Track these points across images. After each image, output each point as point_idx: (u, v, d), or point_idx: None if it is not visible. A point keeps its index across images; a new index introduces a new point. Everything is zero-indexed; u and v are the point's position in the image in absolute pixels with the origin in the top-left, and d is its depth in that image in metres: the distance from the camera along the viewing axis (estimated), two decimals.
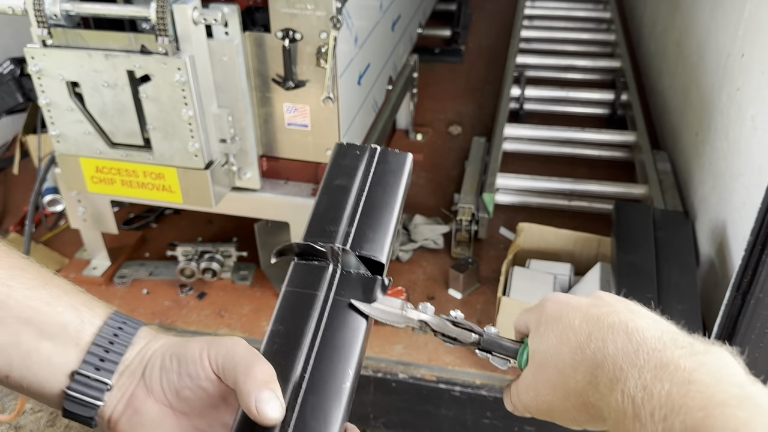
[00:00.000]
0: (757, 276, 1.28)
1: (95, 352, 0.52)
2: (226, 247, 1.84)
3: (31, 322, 0.51)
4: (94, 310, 0.54)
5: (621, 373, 0.47)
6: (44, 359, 0.52)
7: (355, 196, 0.65)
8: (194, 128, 1.43)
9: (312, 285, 0.59)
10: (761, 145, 1.46)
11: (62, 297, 0.53)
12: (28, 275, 0.53)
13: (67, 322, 0.52)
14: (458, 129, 2.66)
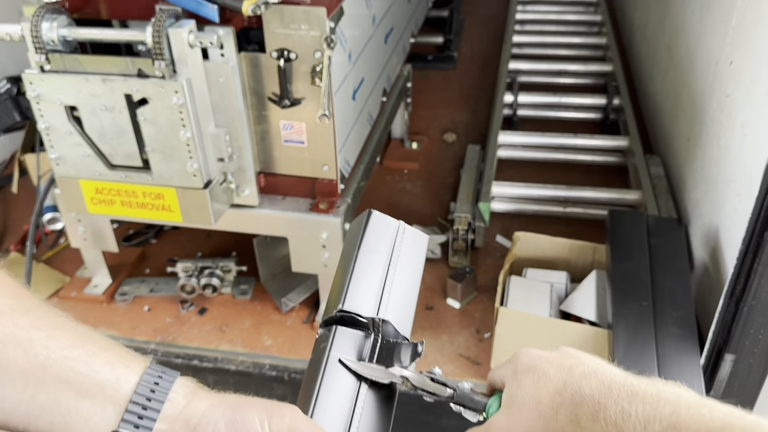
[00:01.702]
0: (749, 284, 1.30)
1: (133, 411, 0.53)
2: (226, 262, 1.86)
3: (71, 383, 0.53)
4: (130, 366, 0.55)
5: (600, 406, 0.54)
6: (83, 418, 0.53)
7: (386, 270, 0.71)
8: (192, 149, 1.45)
9: (357, 353, 0.65)
10: (751, 152, 1.48)
11: (99, 355, 0.55)
12: (66, 334, 0.55)
13: (104, 382, 0.54)
14: (453, 136, 2.68)
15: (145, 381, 0.54)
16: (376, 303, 0.67)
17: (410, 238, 0.74)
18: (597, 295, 1.59)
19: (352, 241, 0.72)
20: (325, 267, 1.69)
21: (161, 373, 0.56)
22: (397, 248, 0.73)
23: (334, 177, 1.63)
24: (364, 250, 0.70)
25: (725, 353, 1.39)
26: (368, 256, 0.70)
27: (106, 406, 0.53)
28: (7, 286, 0.56)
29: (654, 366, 1.35)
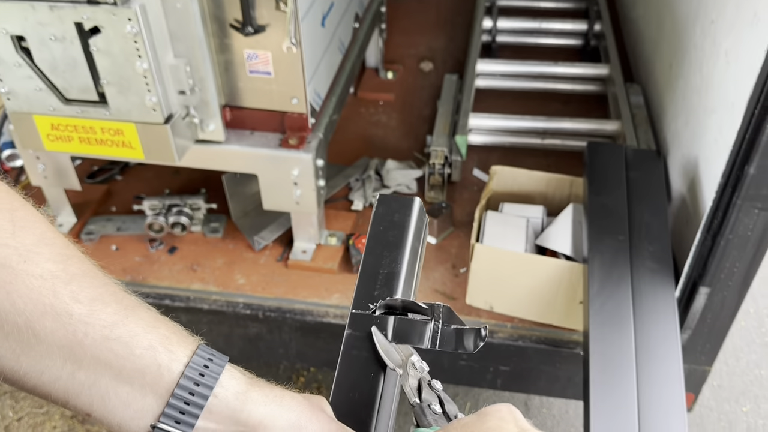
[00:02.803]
0: (727, 218, 1.28)
1: (174, 404, 0.50)
2: (195, 200, 1.80)
3: (110, 366, 0.49)
4: (174, 352, 0.51)
5: None
6: (123, 403, 0.50)
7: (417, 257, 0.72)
8: (150, 81, 1.37)
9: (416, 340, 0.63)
10: (734, 81, 1.43)
11: (141, 337, 0.50)
12: (108, 310, 0.50)
13: (144, 368, 0.50)
14: (430, 65, 2.59)
15: (190, 373, 0.50)
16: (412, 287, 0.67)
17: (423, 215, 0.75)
18: (573, 229, 1.57)
19: (400, 227, 0.71)
20: (298, 204, 1.64)
21: (207, 362, 0.52)
22: (424, 235, 0.74)
23: (304, 110, 1.56)
24: (411, 237, 0.71)
25: (700, 286, 1.38)
26: (412, 245, 0.71)
27: (146, 395, 0.50)
28: (56, 248, 0.51)
29: (629, 300, 1.34)
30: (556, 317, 1.55)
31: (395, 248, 0.69)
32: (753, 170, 1.21)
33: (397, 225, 0.71)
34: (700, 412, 2.09)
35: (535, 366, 1.60)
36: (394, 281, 0.66)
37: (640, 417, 1.20)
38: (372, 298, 0.66)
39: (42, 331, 0.48)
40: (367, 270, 0.68)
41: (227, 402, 0.51)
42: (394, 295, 0.65)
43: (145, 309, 0.53)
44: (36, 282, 0.48)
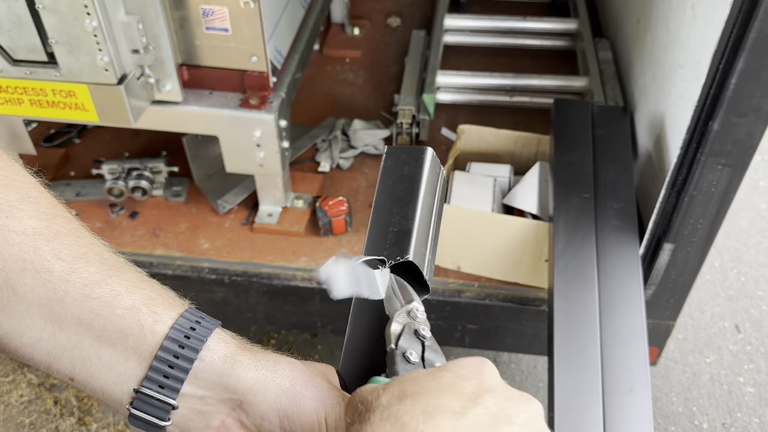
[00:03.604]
0: (691, 174, 1.28)
1: (158, 368, 0.47)
2: (155, 163, 1.75)
3: (91, 327, 0.47)
4: (158, 313, 0.48)
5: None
6: (105, 366, 0.48)
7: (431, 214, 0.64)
8: (101, 40, 1.31)
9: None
10: (700, 36, 1.41)
11: (124, 296, 0.48)
12: (91, 268, 0.48)
13: (126, 329, 0.47)
14: (397, 21, 2.53)
15: (175, 335, 0.48)
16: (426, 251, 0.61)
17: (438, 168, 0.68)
18: (540, 188, 1.56)
19: (410, 180, 0.65)
20: (262, 167, 1.61)
21: (194, 324, 0.49)
22: (440, 188, 0.67)
23: (265, 69, 1.51)
24: (423, 191, 0.63)
25: (664, 243, 1.39)
26: (425, 199, 0.63)
27: (128, 357, 0.48)
28: (41, 206, 0.49)
29: (593, 258, 1.34)
30: (523, 276, 1.55)
31: (406, 204, 0.63)
32: (717, 126, 1.20)
33: (407, 178, 0.65)
34: (665, 364, 2.13)
35: (502, 324, 1.61)
36: (405, 240, 0.60)
37: (604, 371, 1.21)
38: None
39: (21, 288, 0.46)
40: (376, 229, 0.62)
41: (214, 366, 0.49)
42: (405, 254, 0.59)
43: (131, 270, 0.51)
44: (17, 238, 0.46)
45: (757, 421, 1.99)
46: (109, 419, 1.93)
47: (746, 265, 2.43)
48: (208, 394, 0.49)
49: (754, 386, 2.07)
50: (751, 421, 1.99)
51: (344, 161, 1.91)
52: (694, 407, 2.02)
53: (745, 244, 2.50)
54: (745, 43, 1.10)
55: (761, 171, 2.79)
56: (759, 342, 2.19)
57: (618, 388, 1.20)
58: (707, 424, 1.98)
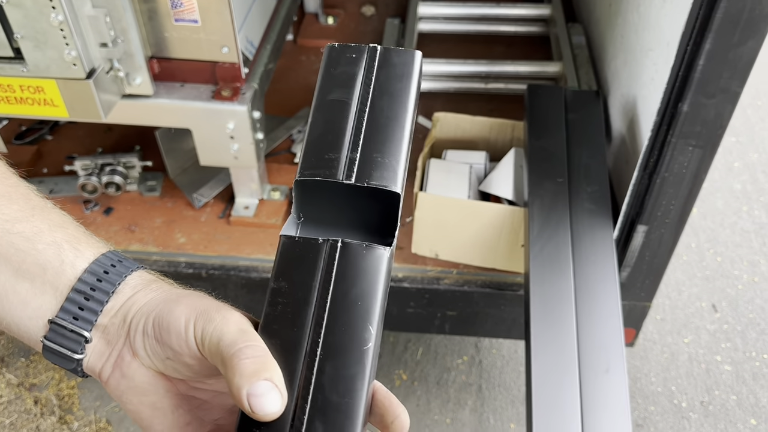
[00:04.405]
0: (662, 156, 1.29)
1: (74, 299, 0.47)
2: (129, 158, 1.73)
3: (9, 261, 0.46)
4: (80, 250, 0.48)
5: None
6: (21, 301, 0.47)
7: (356, 113, 0.53)
8: (68, 34, 1.29)
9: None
10: (669, 18, 1.42)
11: (45, 233, 0.47)
12: (14, 206, 0.47)
13: (45, 263, 0.47)
14: (371, 9, 2.51)
15: (93, 268, 0.47)
16: (345, 159, 0.50)
17: (391, 61, 0.56)
18: (515, 174, 1.57)
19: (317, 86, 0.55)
20: (236, 159, 1.60)
21: (116, 262, 0.48)
22: (371, 79, 0.54)
23: (236, 60, 1.49)
24: (325, 95, 0.54)
25: (638, 225, 1.40)
26: (330, 103, 0.53)
27: (45, 291, 0.47)
28: None
29: (568, 241, 1.35)
30: (500, 261, 1.56)
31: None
32: (686, 107, 1.21)
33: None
34: (644, 345, 2.16)
35: (481, 310, 1.62)
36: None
37: (580, 352, 1.23)
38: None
39: None
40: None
41: (122, 296, 0.48)
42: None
43: (57, 212, 0.50)
44: None
45: (735, 398, 2.02)
46: (90, 417, 1.92)
47: (722, 245, 2.46)
48: (111, 322, 0.48)
49: (732, 364, 2.11)
50: (728, 398, 2.02)
51: None
52: (673, 386, 2.05)
53: (720, 225, 2.53)
54: (712, 24, 1.11)
55: (735, 152, 2.82)
56: (735, 321, 2.22)
57: (594, 368, 1.21)
58: (686, 402, 2.02)
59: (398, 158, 0.51)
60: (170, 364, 0.46)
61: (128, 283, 0.48)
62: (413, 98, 0.54)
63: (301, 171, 0.50)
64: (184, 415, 0.48)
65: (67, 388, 1.99)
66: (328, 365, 0.44)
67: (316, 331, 0.45)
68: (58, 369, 2.02)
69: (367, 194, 0.51)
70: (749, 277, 2.35)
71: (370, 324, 0.45)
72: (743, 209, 2.59)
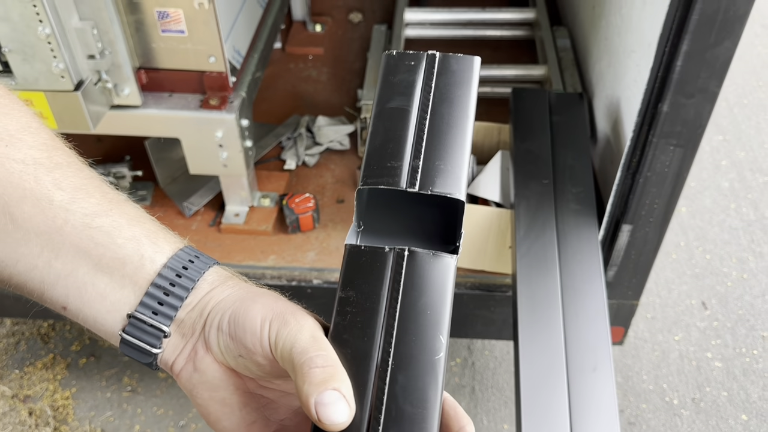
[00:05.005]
0: (644, 156, 1.31)
1: (154, 294, 0.47)
2: (119, 168, 1.75)
3: (89, 255, 0.47)
4: (158, 245, 0.48)
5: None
6: (100, 294, 0.47)
7: (417, 120, 0.52)
8: (55, 47, 1.30)
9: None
10: (650, 20, 1.45)
11: (124, 228, 0.48)
12: (92, 199, 0.48)
13: (125, 258, 0.47)
14: (359, 16, 2.54)
15: (173, 264, 0.48)
16: (408, 167, 0.50)
17: (450, 68, 0.56)
18: (502, 177, 1.59)
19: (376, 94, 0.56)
20: (225, 167, 1.61)
21: (193, 258, 0.49)
22: (431, 87, 0.55)
23: (223, 69, 1.51)
24: (385, 103, 0.54)
25: (622, 224, 1.42)
26: (391, 111, 0.53)
27: (125, 285, 0.47)
28: (42, 138, 0.48)
29: (554, 242, 1.37)
30: (488, 263, 1.57)
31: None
32: (666, 108, 1.23)
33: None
34: (635, 343, 2.18)
35: (471, 311, 1.63)
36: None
37: (567, 351, 1.24)
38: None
39: (20, 216, 0.46)
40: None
41: (201, 292, 0.49)
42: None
43: (132, 205, 0.51)
44: (17, 166, 0.45)
45: (726, 394, 2.04)
46: (85, 427, 1.93)
47: (711, 243, 2.48)
48: (188, 317, 0.48)
49: (722, 361, 2.13)
50: (719, 394, 2.04)
51: (310, 158, 1.92)
52: (665, 384, 2.07)
53: (709, 223, 2.56)
54: (688, 25, 1.13)
55: (723, 150, 2.85)
56: (725, 317, 2.24)
57: (582, 367, 1.23)
58: (677, 400, 2.03)
59: (461, 165, 0.51)
60: (242, 362, 0.47)
61: (206, 278, 0.49)
62: (473, 104, 0.54)
63: (364, 179, 0.50)
64: (252, 413, 0.49)
65: (62, 398, 1.99)
66: (401, 375, 0.44)
67: (387, 341, 0.45)
68: (52, 380, 2.03)
69: (431, 202, 0.51)
70: (738, 274, 2.37)
71: (441, 333, 0.45)
72: (731, 207, 2.61)
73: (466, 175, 0.51)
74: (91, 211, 0.47)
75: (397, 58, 0.56)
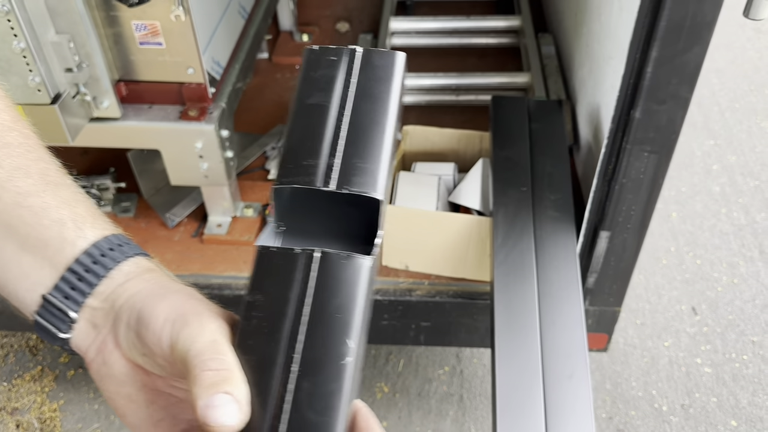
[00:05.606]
0: (619, 162, 1.31)
1: (68, 279, 0.47)
2: (102, 180, 1.75)
3: (17, 233, 0.48)
4: (83, 230, 0.48)
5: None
6: (24, 273, 0.48)
7: (335, 117, 0.51)
8: (30, 60, 1.31)
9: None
10: (626, 27, 1.45)
11: (52, 210, 0.48)
12: (29, 180, 0.48)
13: (48, 240, 0.48)
14: (346, 26, 2.55)
15: (92, 250, 0.48)
16: (323, 165, 0.49)
17: (373, 63, 0.54)
18: (482, 184, 1.59)
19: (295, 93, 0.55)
20: (206, 178, 1.61)
21: (115, 246, 0.49)
22: (351, 83, 0.53)
23: (202, 80, 1.52)
24: (304, 99, 0.52)
25: (600, 230, 1.42)
26: (309, 108, 0.52)
27: (44, 267, 0.48)
28: (1, 119, 0.50)
29: (531, 249, 1.37)
30: (469, 271, 1.57)
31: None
32: (639, 114, 1.23)
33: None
34: (624, 350, 2.17)
35: (454, 319, 1.63)
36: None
37: (544, 358, 1.24)
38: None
39: None
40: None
41: (115, 281, 0.48)
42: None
43: (70, 189, 0.51)
44: None
45: (715, 400, 2.03)
46: None
47: (701, 248, 2.47)
48: (101, 306, 0.48)
49: (711, 366, 2.12)
50: (709, 400, 2.03)
51: None
52: (654, 390, 2.06)
53: (700, 228, 2.55)
54: (657, 31, 1.13)
55: (714, 155, 2.84)
56: (715, 323, 2.23)
57: (558, 374, 1.22)
58: (666, 406, 2.02)
59: (379, 163, 0.49)
60: (147, 360, 0.47)
61: (122, 269, 0.48)
62: (395, 101, 0.53)
63: (279, 178, 0.49)
64: (159, 411, 0.49)
65: (49, 411, 1.99)
66: (306, 382, 0.43)
67: (292, 346, 0.44)
68: (40, 392, 2.03)
69: (348, 201, 0.50)
70: (729, 279, 2.36)
71: (349, 338, 0.44)
72: (722, 211, 2.60)
73: (385, 172, 0.49)
74: (25, 191, 0.48)
75: (319, 53, 0.53)
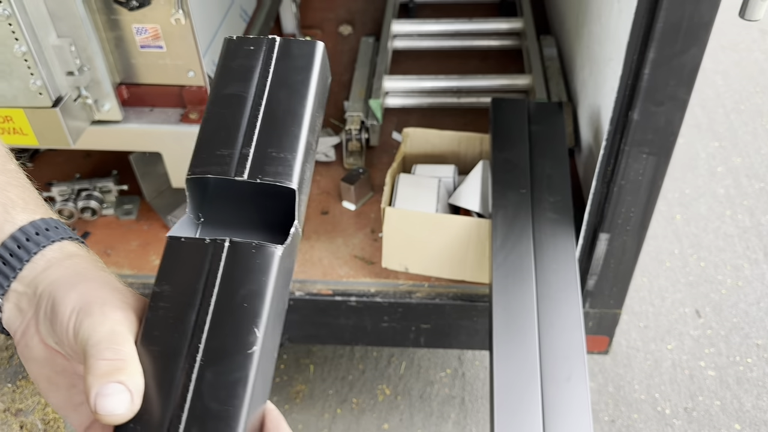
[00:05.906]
0: (618, 164, 1.30)
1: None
2: (105, 183, 1.76)
3: None
4: (11, 215, 0.49)
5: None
6: None
7: (251, 107, 0.51)
8: (32, 64, 1.32)
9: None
10: (625, 28, 1.44)
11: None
12: None
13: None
14: (349, 29, 2.55)
15: (18, 235, 0.49)
16: (237, 155, 0.49)
17: (291, 53, 0.54)
18: (482, 187, 1.59)
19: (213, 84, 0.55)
20: None
21: (41, 231, 0.49)
22: (269, 72, 0.53)
23: (203, 83, 1.52)
24: (221, 88, 0.52)
25: (600, 233, 1.41)
26: (226, 97, 0.52)
27: None
28: None
29: (530, 251, 1.37)
30: (469, 273, 1.57)
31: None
32: (637, 116, 1.23)
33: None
34: (627, 353, 2.16)
35: (454, 321, 1.63)
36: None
37: (542, 361, 1.23)
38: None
39: None
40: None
41: (37, 266, 0.49)
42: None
43: (5, 176, 0.51)
44: None
45: (719, 403, 2.02)
46: None
47: (705, 250, 2.46)
48: (25, 291, 0.49)
49: (715, 369, 2.10)
50: (712, 404, 2.02)
51: None
52: (657, 393, 2.05)
53: (704, 230, 2.54)
54: (654, 33, 1.13)
55: (719, 157, 2.83)
56: (719, 326, 2.22)
57: (556, 377, 1.22)
58: (669, 409, 2.01)
59: (294, 153, 0.49)
60: (62, 348, 0.47)
61: (45, 254, 0.49)
62: (313, 91, 0.52)
63: (192, 168, 0.49)
64: (79, 394, 0.49)
65: (53, 412, 2.00)
66: (209, 371, 0.43)
67: (197, 336, 0.44)
68: None
69: (264, 192, 0.50)
70: (733, 282, 2.35)
71: (256, 326, 0.43)
72: (726, 213, 2.59)
73: (300, 162, 0.49)
74: None
75: (237, 43, 0.53)
